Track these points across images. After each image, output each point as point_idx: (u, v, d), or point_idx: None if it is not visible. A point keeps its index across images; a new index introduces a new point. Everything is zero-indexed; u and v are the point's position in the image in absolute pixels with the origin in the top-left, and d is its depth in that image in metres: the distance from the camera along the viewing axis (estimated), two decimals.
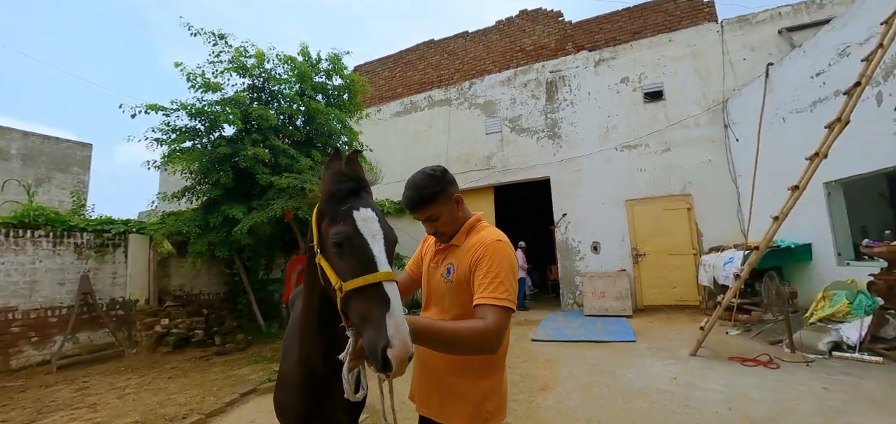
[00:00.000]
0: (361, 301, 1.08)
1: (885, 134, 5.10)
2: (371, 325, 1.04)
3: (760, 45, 8.54)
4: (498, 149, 10.80)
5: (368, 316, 1.05)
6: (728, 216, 8.63)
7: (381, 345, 0.99)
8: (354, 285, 1.09)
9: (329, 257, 1.20)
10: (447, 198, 1.59)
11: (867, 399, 3.77)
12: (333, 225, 1.19)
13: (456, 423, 1.50)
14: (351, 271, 1.12)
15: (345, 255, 1.15)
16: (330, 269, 1.18)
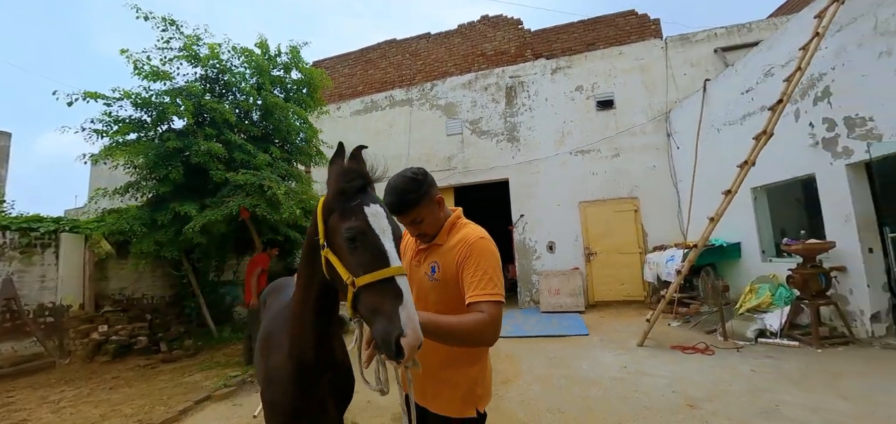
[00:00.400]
0: (374, 294, 1.12)
1: (802, 146, 5.80)
2: (383, 317, 1.08)
3: (699, 61, 9.36)
4: (459, 150, 10.97)
5: (380, 308, 1.09)
6: (670, 217, 9.36)
7: (394, 335, 1.04)
8: (368, 280, 1.13)
9: (339, 251, 1.22)
10: (430, 201, 1.64)
11: (787, 379, 4.28)
12: (345, 220, 1.22)
13: (450, 410, 1.58)
14: (363, 266, 1.16)
15: (357, 250, 1.18)
16: (339, 264, 1.21)
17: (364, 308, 1.14)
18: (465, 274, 1.52)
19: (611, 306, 9.29)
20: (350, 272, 1.17)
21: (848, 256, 5.30)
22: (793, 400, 3.78)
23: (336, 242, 1.23)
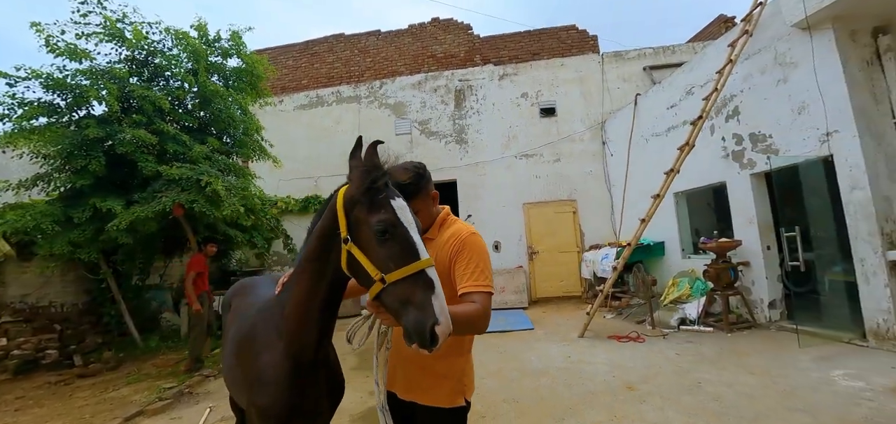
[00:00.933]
0: (405, 286, 1.13)
1: (715, 157, 6.64)
2: (415, 307, 1.10)
3: (630, 77, 10.27)
4: (408, 150, 10.97)
5: (412, 299, 1.11)
6: (604, 219, 10.16)
7: (429, 324, 1.07)
8: (401, 275, 1.13)
9: (366, 245, 1.21)
10: (426, 194, 1.70)
11: (705, 360, 4.89)
12: (374, 213, 1.20)
13: (442, 400, 1.64)
14: (394, 260, 1.16)
15: (387, 242, 1.18)
16: (365, 258, 1.20)
17: (393, 300, 1.15)
18: (457, 267, 1.58)
19: (552, 302, 9.85)
20: (378, 267, 1.17)
21: (751, 253, 6.17)
22: (711, 378, 4.33)
23: (363, 236, 1.23)
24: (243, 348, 1.68)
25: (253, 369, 1.55)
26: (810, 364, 4.44)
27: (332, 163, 11.12)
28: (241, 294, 2.24)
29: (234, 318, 2.02)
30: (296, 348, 1.46)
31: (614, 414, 3.70)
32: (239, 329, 1.82)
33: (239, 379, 1.73)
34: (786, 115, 5.41)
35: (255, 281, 2.35)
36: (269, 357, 1.50)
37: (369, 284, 1.20)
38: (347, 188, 1.31)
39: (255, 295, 2.06)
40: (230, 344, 1.90)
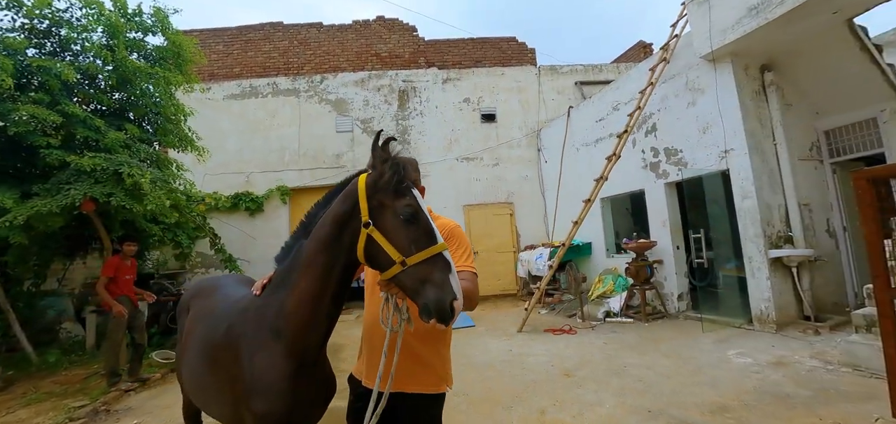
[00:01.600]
0: (425, 267, 1.21)
1: (636, 167, 7.46)
2: (435, 286, 1.18)
3: (564, 90, 11.09)
4: (349, 148, 10.76)
5: (432, 278, 1.20)
6: (538, 221, 10.84)
7: (449, 300, 1.17)
8: (422, 257, 1.22)
9: (389, 229, 1.27)
10: (418, 188, 1.82)
11: (628, 347, 5.49)
12: (399, 199, 1.29)
13: (429, 386, 1.73)
14: (417, 243, 1.24)
15: (411, 226, 1.26)
16: (387, 242, 1.26)
17: (412, 280, 1.22)
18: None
19: (490, 299, 10.27)
20: (400, 250, 1.24)
21: (664, 252, 7.03)
22: (634, 362, 4.89)
23: (385, 221, 1.29)
24: (221, 353, 1.56)
25: (245, 374, 1.45)
26: (711, 346, 5.20)
27: (267, 158, 10.52)
28: (201, 295, 2.09)
29: (197, 322, 1.88)
30: (300, 346, 1.42)
31: (556, 399, 4.03)
32: (209, 333, 1.70)
33: (213, 387, 1.62)
34: (694, 134, 6.28)
35: (217, 280, 2.21)
36: (266, 359, 1.42)
37: (387, 266, 1.26)
38: (370, 175, 1.36)
39: (220, 295, 1.95)
40: (196, 350, 1.77)
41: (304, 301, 1.40)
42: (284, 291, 1.46)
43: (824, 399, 3.48)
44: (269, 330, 1.45)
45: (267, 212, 10.36)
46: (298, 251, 1.49)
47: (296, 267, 1.46)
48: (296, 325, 1.41)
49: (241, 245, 9.95)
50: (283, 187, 10.39)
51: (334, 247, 1.38)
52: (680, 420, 3.39)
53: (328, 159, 10.64)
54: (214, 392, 1.63)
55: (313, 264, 1.40)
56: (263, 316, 1.48)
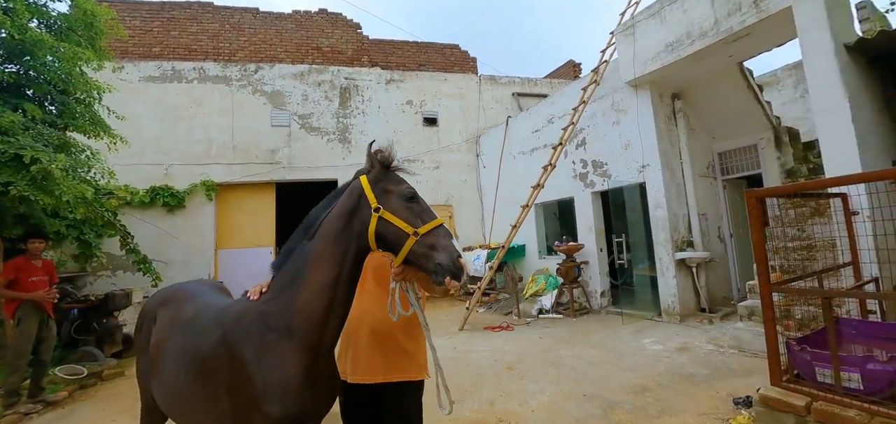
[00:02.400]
0: (432, 236, 1.44)
1: (568, 177, 8.17)
2: (443, 250, 1.41)
3: (502, 100, 11.69)
4: (285, 143, 10.29)
5: (439, 244, 1.42)
6: (476, 223, 11.29)
7: (455, 257, 1.40)
8: (429, 227, 1.45)
9: (396, 209, 1.49)
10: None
11: (561, 340, 6.03)
12: (400, 184, 1.56)
13: (411, 374, 1.90)
14: (421, 217, 1.48)
15: (414, 204, 1.51)
16: (398, 219, 1.46)
17: (424, 248, 1.42)
18: None
19: (429, 299, 10.46)
20: (411, 224, 1.45)
21: (590, 254, 7.79)
22: (567, 353, 5.39)
23: (392, 202, 1.50)
24: (214, 363, 1.50)
25: (254, 380, 1.40)
26: (630, 336, 5.92)
27: (190, 149, 9.66)
28: (171, 304, 1.94)
29: (172, 333, 1.77)
30: (314, 339, 1.45)
31: (502, 391, 4.33)
32: (194, 344, 1.61)
33: (201, 400, 1.54)
34: (618, 149, 7.07)
35: (188, 287, 2.07)
36: (277, 360, 1.42)
37: (399, 241, 1.45)
38: (370, 171, 1.58)
39: (199, 303, 1.84)
40: (176, 363, 1.65)
41: (317, 293, 1.45)
42: (292, 289, 1.48)
43: (719, 376, 4.20)
44: (276, 330, 1.45)
45: (190, 208, 9.51)
46: (302, 250, 1.54)
47: (304, 265, 1.50)
48: (309, 318, 1.44)
49: (158, 244, 9.03)
50: (208, 182, 9.61)
51: (344, 237, 1.50)
52: (610, 402, 3.86)
53: (262, 154, 10.06)
54: (203, 405, 1.55)
55: (324, 256, 1.48)
56: (268, 318, 1.47)
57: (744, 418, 3.20)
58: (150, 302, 2.10)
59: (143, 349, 2.01)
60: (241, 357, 1.44)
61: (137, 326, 2.11)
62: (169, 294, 2.05)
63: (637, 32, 6.18)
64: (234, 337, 1.48)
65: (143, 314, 2.10)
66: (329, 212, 1.56)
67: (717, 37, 5.04)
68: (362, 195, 1.53)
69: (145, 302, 2.16)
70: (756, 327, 4.77)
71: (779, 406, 2.78)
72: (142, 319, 2.08)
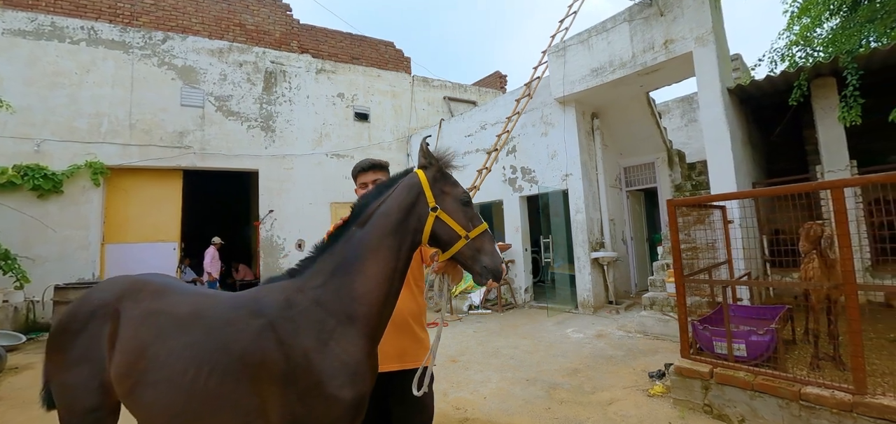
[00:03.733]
0: (481, 240, 1.55)
1: (499, 181, 8.74)
2: (488, 254, 1.53)
3: (434, 102, 11.96)
4: (197, 126, 9.24)
5: (485, 249, 1.54)
6: None
7: (499, 263, 1.54)
8: (479, 231, 1.56)
9: (452, 211, 1.57)
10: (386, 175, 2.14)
11: (494, 333, 6.47)
12: (457, 187, 1.63)
13: (419, 361, 1.92)
14: (473, 221, 1.57)
15: (468, 207, 1.60)
16: (454, 221, 1.55)
17: (471, 250, 1.53)
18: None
19: None
20: (464, 227, 1.55)
21: (516, 253, 8.44)
22: (503, 344, 5.83)
23: (448, 205, 1.58)
24: (257, 357, 1.40)
25: (318, 366, 1.38)
26: (554, 327, 6.59)
27: (72, 124, 8.18)
28: (141, 297, 1.62)
29: (163, 331, 1.52)
30: (374, 326, 1.50)
31: (452, 382, 4.56)
32: (221, 338, 1.45)
33: (229, 398, 1.41)
34: (544, 158, 7.80)
35: (150, 279, 1.73)
36: (344, 345, 1.44)
37: (450, 242, 1.54)
38: (427, 171, 1.62)
39: (186, 296, 1.62)
40: (186, 363, 1.45)
41: (375, 283, 1.49)
42: (346, 277, 1.49)
43: (632, 356, 4.95)
44: (335, 316, 1.45)
45: (69, 194, 8.02)
46: (353, 237, 1.55)
47: (358, 253, 1.51)
48: (369, 306, 1.48)
49: (25, 236, 7.49)
50: (97, 164, 8.21)
51: (401, 230, 1.54)
52: (550, 384, 4.32)
53: (168, 137, 8.90)
54: (232, 405, 1.42)
55: (381, 247, 1.52)
56: (325, 305, 1.46)
57: (660, 387, 3.87)
58: (98, 297, 1.68)
59: (94, 356, 1.57)
60: (298, 344, 1.40)
61: (73, 328, 1.63)
62: (127, 286, 1.69)
63: (568, 55, 6.93)
64: (286, 326, 1.43)
65: (85, 312, 1.65)
66: (384, 202, 1.57)
67: (634, 69, 5.94)
68: (422, 193, 1.58)
69: (84, 298, 1.70)
70: (657, 314, 5.71)
71: (689, 374, 3.44)
72: (85, 318, 1.63)
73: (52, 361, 1.66)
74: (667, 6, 5.43)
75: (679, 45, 5.38)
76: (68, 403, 1.61)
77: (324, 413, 1.38)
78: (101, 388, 1.58)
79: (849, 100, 4.51)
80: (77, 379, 1.58)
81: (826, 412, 2.71)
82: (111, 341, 1.57)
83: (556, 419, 3.56)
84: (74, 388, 1.59)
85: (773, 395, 2.95)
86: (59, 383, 1.63)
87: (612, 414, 3.53)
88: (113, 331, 1.59)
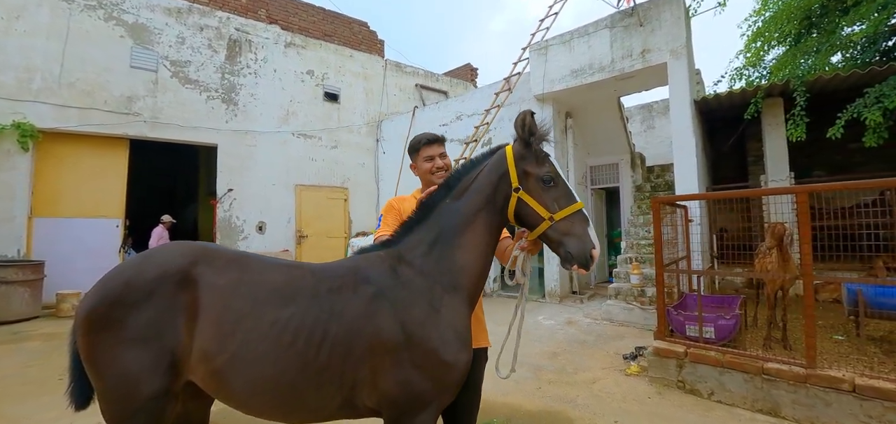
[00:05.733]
0: (568, 222, 1.48)
1: None
2: (576, 237, 1.46)
3: (406, 88, 11.83)
4: (149, 92, 8.45)
5: (573, 231, 1.47)
6: (371, 209, 11.22)
7: (589, 249, 1.45)
8: (567, 212, 1.48)
9: (534, 191, 1.51)
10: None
11: None
12: (541, 166, 1.53)
13: (482, 342, 2.01)
14: (560, 201, 1.49)
15: (552, 189, 1.50)
16: (535, 202, 1.50)
17: (557, 233, 1.48)
18: None
19: None
20: (547, 208, 1.49)
21: None
22: None
23: (531, 185, 1.52)
24: (368, 327, 1.40)
25: (432, 333, 1.41)
26: (526, 315, 6.90)
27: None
28: (222, 266, 1.48)
29: (258, 302, 1.42)
30: (474, 296, 1.54)
31: None
32: (332, 307, 1.43)
33: (338, 368, 1.39)
34: None
35: (218, 248, 1.61)
36: (454, 312, 1.46)
37: (537, 223, 1.51)
38: (515, 147, 1.57)
39: (267, 264, 1.55)
40: (291, 335, 1.38)
41: (474, 255, 1.53)
42: (446, 249, 1.51)
43: (603, 341, 5.35)
44: (441, 285, 1.48)
45: None
46: (448, 209, 1.57)
47: (456, 226, 1.54)
48: (471, 278, 1.52)
49: None
50: (26, 125, 7.25)
51: (490, 207, 1.56)
52: (535, 366, 4.56)
53: (113, 101, 8.05)
54: (338, 377, 1.40)
55: (477, 221, 1.54)
56: (432, 276, 1.49)
57: (635, 367, 4.25)
58: (164, 261, 1.45)
59: (164, 330, 1.36)
60: (413, 313, 1.42)
61: (130, 299, 1.36)
62: (197, 252, 1.51)
63: (549, 55, 7.21)
64: (398, 294, 1.45)
65: (148, 279, 1.40)
66: (476, 178, 1.58)
67: (612, 73, 6.33)
68: (506, 172, 1.54)
69: (141, 264, 1.45)
70: (622, 303, 6.19)
71: (666, 354, 3.81)
72: (149, 287, 1.38)
73: (98, 343, 1.35)
74: (646, 18, 5.85)
75: (655, 55, 5.83)
76: (126, 391, 1.34)
77: (439, 380, 1.41)
78: (171, 368, 1.37)
79: (796, 118, 5.19)
80: (140, 360, 1.33)
81: (784, 383, 3.16)
82: (191, 312, 1.39)
83: (548, 397, 3.79)
84: (136, 371, 1.33)
85: (740, 371, 3.37)
86: (111, 368, 1.35)
87: (597, 392, 3.83)
88: (192, 301, 1.40)
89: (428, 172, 1.99)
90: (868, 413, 2.81)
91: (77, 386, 1.49)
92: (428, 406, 1.42)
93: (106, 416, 1.39)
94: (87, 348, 1.37)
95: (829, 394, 2.96)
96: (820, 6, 6.75)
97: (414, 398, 1.40)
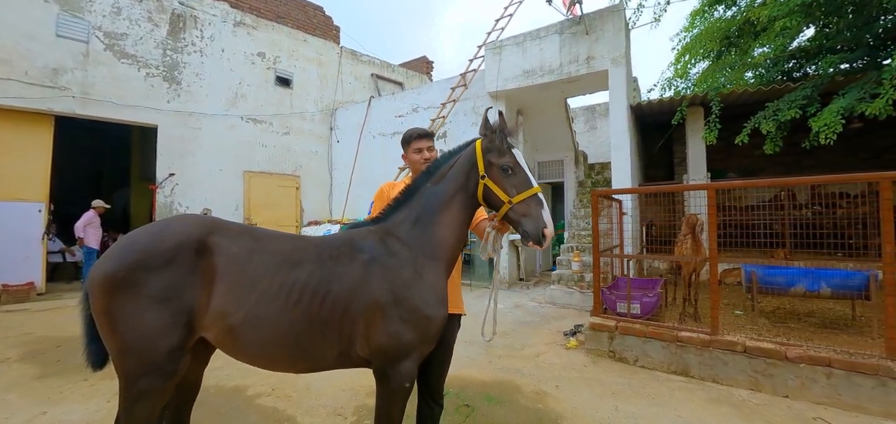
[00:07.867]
0: (524, 205, 1.72)
1: None
2: (531, 218, 1.70)
3: (362, 77, 11.74)
4: (79, 65, 7.78)
5: (529, 212, 1.71)
6: (323, 198, 11.10)
7: (541, 228, 1.70)
8: (522, 197, 1.72)
9: (497, 179, 1.76)
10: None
11: None
12: (501, 158, 1.77)
13: (459, 309, 2.26)
14: (517, 187, 1.74)
15: (511, 177, 1.75)
16: (498, 188, 1.75)
17: (516, 215, 1.73)
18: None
19: None
20: (506, 193, 1.74)
21: None
22: None
23: (494, 173, 1.77)
24: (364, 289, 1.65)
25: (416, 293, 1.68)
26: (476, 300, 7.16)
27: None
28: (235, 236, 1.70)
29: (270, 267, 1.64)
30: (450, 262, 1.82)
31: None
32: (335, 271, 1.66)
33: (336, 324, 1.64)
34: None
35: (226, 222, 1.82)
36: (434, 277, 1.74)
37: (500, 205, 1.78)
38: (484, 140, 1.84)
39: (274, 234, 1.79)
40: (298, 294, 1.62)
41: (449, 231, 1.80)
42: (426, 225, 1.78)
43: (547, 321, 5.85)
44: (424, 254, 1.74)
45: None
46: (426, 192, 1.83)
47: (434, 205, 1.80)
48: (447, 251, 1.80)
49: None
50: None
51: (463, 191, 1.83)
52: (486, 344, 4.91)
53: (36, 73, 7.33)
54: (337, 333, 1.65)
55: (453, 203, 1.82)
56: (415, 247, 1.74)
57: (574, 342, 4.74)
58: (181, 230, 1.61)
59: (183, 291, 1.52)
60: (400, 276, 1.68)
61: (151, 263, 1.51)
62: (209, 223, 1.71)
63: (503, 54, 7.59)
64: (388, 261, 1.70)
65: (168, 246, 1.55)
66: (453, 166, 1.85)
67: (560, 76, 6.84)
68: (475, 162, 1.81)
69: (160, 233, 1.59)
70: (563, 288, 6.75)
71: (600, 328, 4.32)
72: (169, 253, 1.53)
73: (118, 304, 1.48)
74: (592, 27, 6.40)
75: (598, 62, 6.40)
76: (145, 345, 1.49)
77: (423, 331, 1.69)
78: (187, 325, 1.55)
79: (711, 125, 5.99)
80: (161, 317, 1.49)
81: (693, 348, 3.74)
82: (208, 276, 1.58)
83: (499, 369, 4.17)
84: (156, 327, 1.49)
85: (659, 340, 3.93)
86: (131, 325, 1.48)
87: (541, 363, 4.26)
88: (209, 267, 1.59)
89: (417, 162, 2.23)
90: (755, 369, 3.44)
91: (92, 349, 1.63)
92: (411, 354, 1.69)
93: (123, 372, 1.53)
94: (105, 308, 1.51)
95: (726, 355, 3.57)
96: (737, 28, 7.72)
97: (401, 347, 1.66)
